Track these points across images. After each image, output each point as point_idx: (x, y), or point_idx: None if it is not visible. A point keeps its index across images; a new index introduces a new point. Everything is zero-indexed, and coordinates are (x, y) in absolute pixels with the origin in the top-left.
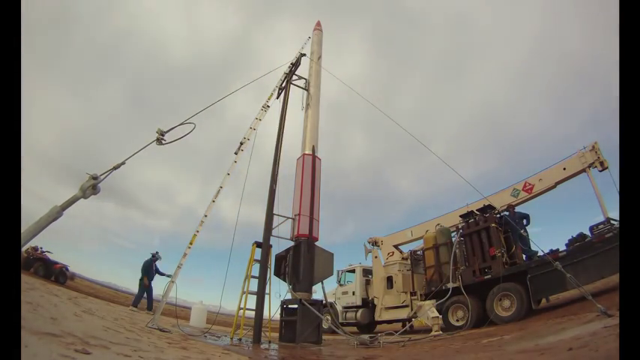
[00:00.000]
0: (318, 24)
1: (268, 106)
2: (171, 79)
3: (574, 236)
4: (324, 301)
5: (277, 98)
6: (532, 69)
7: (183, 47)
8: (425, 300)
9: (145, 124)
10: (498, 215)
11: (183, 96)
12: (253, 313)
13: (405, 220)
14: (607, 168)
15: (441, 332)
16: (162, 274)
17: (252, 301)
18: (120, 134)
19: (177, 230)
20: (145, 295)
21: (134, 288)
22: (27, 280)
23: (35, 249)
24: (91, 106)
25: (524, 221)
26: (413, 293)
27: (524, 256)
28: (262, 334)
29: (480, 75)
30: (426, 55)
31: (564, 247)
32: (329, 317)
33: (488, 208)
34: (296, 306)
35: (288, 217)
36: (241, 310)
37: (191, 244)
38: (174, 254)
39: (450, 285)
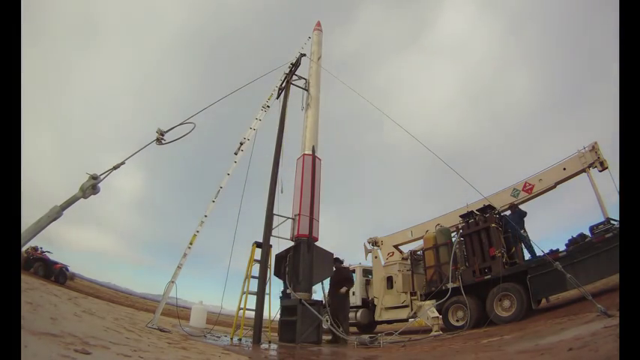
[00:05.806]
0: (318, 24)
1: (268, 107)
2: None
3: (574, 236)
4: (323, 302)
5: (277, 98)
6: None
7: None
8: (425, 300)
9: None
10: (498, 215)
11: None
12: (253, 313)
13: None
14: (607, 168)
15: (441, 332)
16: None
17: (252, 301)
18: None
19: None
20: None
21: (134, 288)
22: (27, 280)
23: (35, 249)
24: None
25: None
26: (413, 293)
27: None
28: (262, 334)
29: None
30: None
31: (564, 247)
32: (328, 317)
33: (488, 208)
34: (296, 306)
35: (288, 218)
36: (241, 311)
37: (191, 244)
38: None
39: (450, 285)
